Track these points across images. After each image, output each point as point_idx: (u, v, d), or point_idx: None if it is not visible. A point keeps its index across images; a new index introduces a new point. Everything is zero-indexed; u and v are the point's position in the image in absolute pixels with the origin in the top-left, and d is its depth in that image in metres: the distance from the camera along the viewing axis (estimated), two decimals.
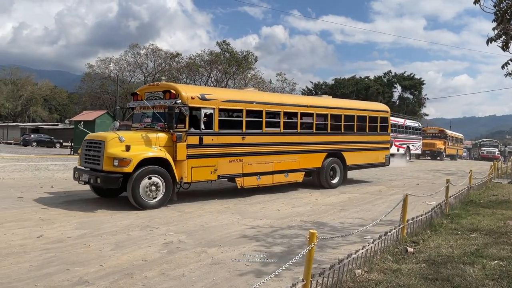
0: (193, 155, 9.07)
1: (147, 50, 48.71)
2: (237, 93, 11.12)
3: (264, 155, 10.56)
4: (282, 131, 11.03)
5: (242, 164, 10.06)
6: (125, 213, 7.99)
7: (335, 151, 12.51)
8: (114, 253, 5.39)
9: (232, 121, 10.36)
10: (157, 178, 8.51)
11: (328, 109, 12.49)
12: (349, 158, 12.85)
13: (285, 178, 11.10)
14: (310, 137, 11.89)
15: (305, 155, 11.59)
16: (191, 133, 9.06)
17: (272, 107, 10.90)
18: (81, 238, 6.08)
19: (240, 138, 10.03)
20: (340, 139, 12.68)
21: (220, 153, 9.57)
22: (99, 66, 48.60)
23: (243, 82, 47.77)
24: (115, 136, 8.45)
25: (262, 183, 10.55)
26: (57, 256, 5.17)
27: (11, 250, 5.36)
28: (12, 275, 4.48)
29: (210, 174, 9.45)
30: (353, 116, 13.20)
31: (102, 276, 4.52)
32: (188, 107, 8.96)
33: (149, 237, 6.23)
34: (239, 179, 10.07)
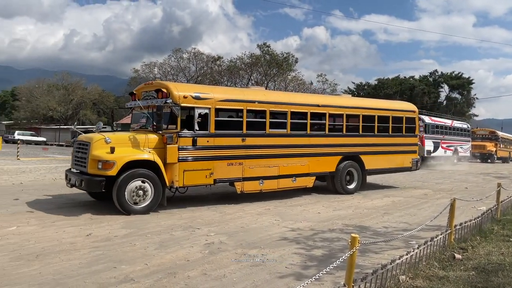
0: (186, 158, 8.53)
1: (189, 54, 49.74)
2: (237, 92, 10.54)
3: (267, 158, 9.82)
4: (289, 132, 10.23)
5: (242, 168, 9.36)
6: (168, 214, 8.19)
7: (352, 154, 11.57)
8: (158, 252, 5.55)
9: (231, 122, 9.78)
10: (144, 182, 8.05)
11: (343, 108, 11.49)
12: (368, 161, 11.85)
13: (292, 183, 10.27)
14: (322, 139, 10.97)
15: (316, 159, 10.71)
16: (183, 134, 8.51)
17: (277, 107, 10.14)
18: (127, 237, 6.30)
19: (240, 140, 9.36)
20: (358, 141, 11.70)
21: (216, 155, 8.96)
22: (144, 71, 50.16)
23: (283, 84, 47.74)
24: (101, 137, 8.06)
25: (265, 188, 9.78)
26: (104, 254, 5.38)
27: (62, 248, 5.64)
28: (63, 271, 4.71)
29: (205, 178, 8.85)
30: (373, 117, 12.10)
31: (146, 275, 4.66)
32: (179, 106, 8.46)
33: (191, 238, 6.36)
34: (239, 184, 9.37)
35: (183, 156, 8.48)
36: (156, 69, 49.83)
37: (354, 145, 11.60)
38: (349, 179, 11.59)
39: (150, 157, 8.15)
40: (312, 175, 10.70)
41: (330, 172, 11.13)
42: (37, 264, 4.93)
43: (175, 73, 50.10)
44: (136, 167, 8.03)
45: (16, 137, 42.22)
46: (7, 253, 5.32)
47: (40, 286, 4.22)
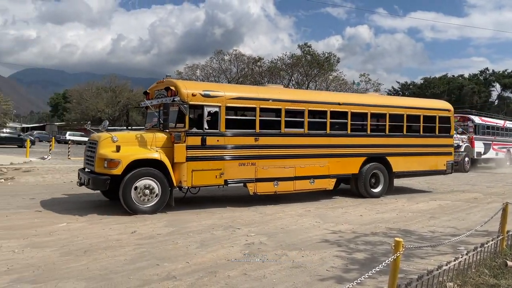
0: (194, 157, 8.34)
1: (230, 55, 50.27)
2: (250, 90, 10.13)
3: (282, 158, 9.45)
4: (306, 132, 9.79)
5: (255, 168, 9.06)
6: (209, 213, 8.30)
7: (377, 156, 10.91)
8: (199, 251, 5.63)
9: (243, 121, 9.42)
10: (151, 182, 7.95)
11: (367, 107, 10.81)
12: (396, 163, 11.13)
13: (310, 185, 9.82)
14: (344, 139, 10.39)
15: (336, 160, 10.19)
16: (191, 133, 8.34)
17: (293, 105, 9.71)
18: (169, 236, 6.44)
19: (252, 139, 9.05)
20: (384, 141, 11.06)
21: (227, 155, 8.73)
22: (187, 73, 51.20)
23: (325, 84, 47.20)
24: (108, 136, 8.07)
25: (280, 189, 9.42)
26: (148, 252, 5.53)
27: (108, 244, 5.85)
28: (109, 267, 4.88)
29: (215, 179, 8.63)
30: (401, 116, 11.37)
31: (188, 273, 4.73)
32: (188, 104, 8.31)
33: (231, 237, 6.40)
34: (251, 185, 9.08)
35: (191, 156, 8.30)
36: (198, 71, 50.74)
37: (379, 146, 10.98)
38: (375, 182, 10.97)
39: (156, 156, 8.05)
40: (332, 177, 10.21)
41: (353, 174, 10.56)
42: (85, 259, 5.14)
43: (216, 74, 50.81)
44: (143, 166, 7.95)
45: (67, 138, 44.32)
46: (57, 248, 5.58)
47: (88, 281, 4.39)
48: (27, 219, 7.26)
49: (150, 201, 7.97)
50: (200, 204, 9.18)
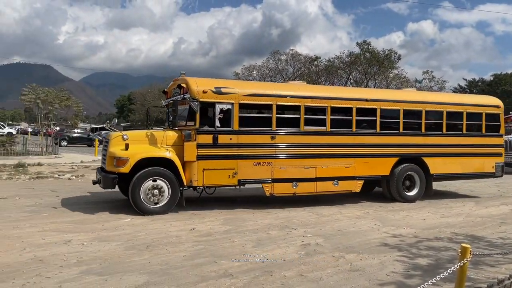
0: (206, 156, 8.12)
1: (287, 55, 50.21)
2: (266, 86, 9.53)
3: (302, 158, 8.97)
4: (329, 130, 9.24)
5: (271, 168, 8.67)
6: (265, 212, 8.33)
7: (412, 156, 10.10)
8: (255, 250, 5.66)
9: (259, 118, 9.16)
10: (160, 181, 7.83)
11: (400, 103, 9.99)
12: (434, 165, 10.23)
13: (333, 187, 9.24)
14: (372, 138, 9.71)
15: (364, 160, 9.53)
16: (202, 131, 8.14)
17: (314, 102, 9.18)
18: (226, 234, 6.54)
19: (268, 138, 8.67)
20: (420, 141, 10.17)
21: (241, 154, 8.41)
22: (243, 74, 51.87)
23: (385, 82, 45.69)
24: (119, 134, 8.15)
25: (299, 191, 8.94)
26: (206, 249, 5.66)
27: (169, 240, 6.06)
28: (169, 262, 5.05)
29: (228, 179, 8.35)
30: (440, 113, 10.43)
31: (244, 271, 4.78)
32: (198, 102, 8.10)
33: (287, 238, 6.38)
34: (268, 186, 8.69)
35: (202, 154, 8.09)
36: (255, 72, 51.20)
37: (414, 146, 10.12)
38: (409, 185, 10.12)
39: (165, 154, 7.93)
40: (359, 179, 9.51)
41: (383, 176, 9.82)
42: (147, 254, 5.36)
43: (273, 75, 50.96)
44: (153, 165, 7.85)
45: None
46: (122, 242, 5.87)
47: (150, 275, 4.57)
48: (94, 214, 7.71)
49: (159, 201, 7.85)
50: (255, 203, 9.23)
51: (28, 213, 7.66)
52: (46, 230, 6.44)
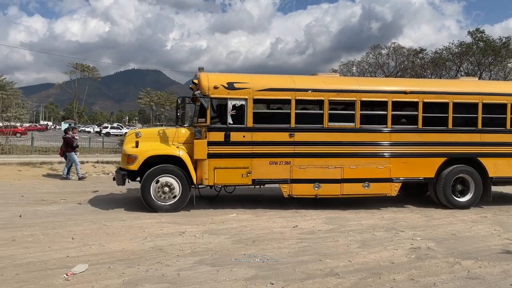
0: (217, 154, 7.84)
1: (388, 49, 47.96)
2: (284, 80, 8.61)
3: (326, 157, 8.24)
4: (358, 126, 8.39)
5: (290, 168, 8.12)
6: (369, 213, 8.09)
7: (464, 156, 8.78)
8: (360, 250, 5.54)
9: (276, 114, 8.57)
10: (171, 179, 7.75)
11: (448, 95, 8.65)
12: (493, 166, 8.79)
13: (364, 190, 8.37)
14: (412, 135, 8.58)
15: (401, 160, 8.50)
16: (214, 128, 7.89)
17: (340, 96, 8.38)
18: (330, 232, 6.50)
19: (286, 135, 8.10)
20: (475, 138, 8.78)
21: (255, 153, 7.99)
22: (341, 70, 50.80)
23: (502, 74, 41.17)
24: (133, 131, 8.17)
25: (322, 193, 8.25)
26: (310, 247, 5.68)
27: (273, 236, 6.21)
28: (274, 258, 5.18)
29: (241, 178, 7.97)
30: (503, 106, 8.85)
31: (350, 271, 4.70)
32: (209, 98, 7.81)
33: (394, 240, 6.12)
34: (286, 186, 8.16)
35: (213, 152, 7.84)
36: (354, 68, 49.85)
37: (467, 144, 8.78)
38: (462, 189, 8.82)
39: (174, 152, 7.82)
40: (395, 181, 8.52)
41: (426, 178, 8.69)
42: (254, 248, 5.56)
43: (373, 70, 49.13)
44: (165, 162, 7.81)
45: None
46: (230, 236, 6.17)
47: (257, 269, 4.74)
48: (203, 208, 8.20)
49: (170, 199, 7.81)
50: (357, 203, 8.99)
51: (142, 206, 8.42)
52: (163, 221, 7.03)
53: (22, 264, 4.76)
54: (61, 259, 4.95)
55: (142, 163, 7.70)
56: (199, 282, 4.31)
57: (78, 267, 4.65)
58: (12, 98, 45.62)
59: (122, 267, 4.71)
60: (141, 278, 4.38)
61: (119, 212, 7.69)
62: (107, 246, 5.52)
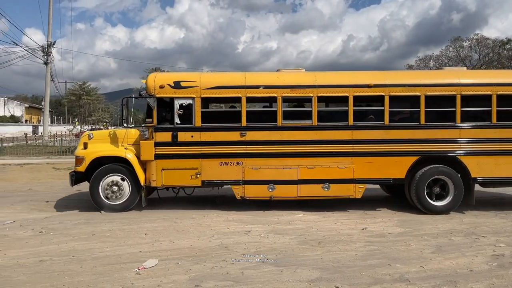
0: (164, 155, 7.66)
1: (471, 41, 44.72)
2: (234, 77, 8.17)
3: (280, 157, 7.75)
4: (316, 124, 7.77)
5: (242, 168, 7.74)
6: (446, 216, 7.57)
7: (440, 155, 7.82)
8: (435, 256, 5.18)
9: (225, 113, 8.28)
10: (119, 179, 7.77)
11: (419, 87, 7.79)
12: (477, 166, 7.77)
13: (323, 191, 7.78)
14: (377, 133, 7.81)
15: (366, 160, 7.77)
16: (160, 128, 7.70)
17: (294, 92, 7.84)
18: (401, 236, 6.17)
19: (237, 135, 7.73)
20: (453, 135, 7.79)
21: (204, 153, 7.72)
22: (418, 65, 48.31)
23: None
24: (87, 133, 8.24)
25: (278, 194, 7.77)
26: (379, 250, 5.43)
27: (340, 238, 6.03)
28: (341, 260, 5.02)
29: (190, 179, 7.74)
30: (487, 97, 7.80)
31: (423, 278, 4.42)
32: (155, 98, 7.66)
33: (474, 246, 5.65)
34: (238, 188, 7.78)
35: (160, 153, 7.70)
36: (431, 62, 47.17)
37: (444, 141, 7.81)
38: (440, 192, 7.85)
39: (121, 153, 7.81)
40: (359, 182, 7.84)
41: (395, 179, 7.88)
42: (319, 250, 5.44)
43: (453, 64, 46.06)
44: (114, 163, 7.84)
45: None
46: (295, 236, 6.11)
47: (322, 271, 4.63)
48: (269, 208, 8.21)
49: (118, 199, 7.83)
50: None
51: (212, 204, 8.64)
52: (230, 220, 7.16)
53: (99, 257, 5.11)
54: (134, 254, 5.24)
55: (93, 164, 7.85)
56: (262, 281, 4.31)
57: (149, 262, 4.89)
58: (96, 103, 49.52)
59: (189, 263, 4.86)
60: (206, 275, 4.49)
61: (189, 210, 7.96)
62: (176, 243, 5.74)
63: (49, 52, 22.82)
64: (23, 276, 4.50)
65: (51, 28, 22.81)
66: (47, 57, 22.45)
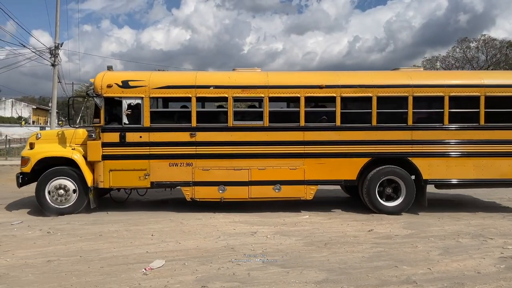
0: (112, 156, 7.55)
1: (478, 42, 44.49)
2: (185, 77, 8.13)
3: (231, 158, 7.70)
4: (267, 125, 7.71)
5: (192, 169, 7.67)
6: (453, 218, 7.52)
7: (393, 156, 7.82)
8: (442, 258, 5.16)
9: (175, 113, 8.15)
10: (66, 181, 7.56)
11: (372, 89, 7.73)
12: (428, 168, 7.77)
13: (274, 193, 7.74)
14: (329, 134, 7.79)
15: (317, 161, 7.74)
16: (108, 129, 7.57)
17: (245, 92, 7.76)
18: (408, 238, 6.14)
19: (187, 135, 7.64)
20: (405, 136, 7.77)
21: (153, 154, 7.62)
22: (424, 66, 48.11)
23: None
24: (35, 133, 8.03)
25: (228, 196, 7.73)
26: (386, 252, 5.42)
27: (346, 240, 6.02)
28: (347, 262, 5.02)
29: (138, 180, 7.63)
30: (441, 98, 7.76)
31: (430, 280, 4.40)
32: (103, 97, 7.54)
33: (482, 248, 5.62)
34: (188, 189, 7.71)
35: (108, 154, 7.58)
36: (438, 63, 46.96)
37: (396, 143, 7.80)
38: (392, 193, 7.89)
39: (67, 153, 7.63)
40: (310, 184, 7.81)
41: (347, 180, 7.89)
42: (326, 251, 5.44)
43: (460, 65, 45.88)
44: (63, 164, 7.63)
45: None
46: (301, 238, 6.11)
47: (328, 272, 4.63)
48: (276, 209, 8.20)
49: (66, 202, 7.63)
50: (440, 207, 8.43)
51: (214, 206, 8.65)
52: (236, 221, 7.17)
53: (106, 257, 5.15)
54: (141, 254, 5.27)
55: (41, 165, 7.70)
56: (269, 283, 4.32)
57: (155, 263, 4.91)
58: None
59: (195, 264, 4.88)
60: (213, 276, 4.50)
61: (195, 211, 7.98)
62: (183, 244, 5.76)
63: (56, 54, 22.98)
64: (31, 276, 4.54)
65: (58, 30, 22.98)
66: (55, 59, 22.60)
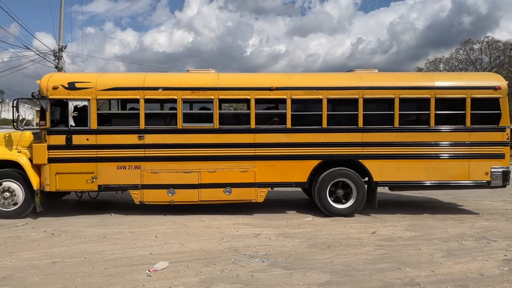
0: (58, 159, 7.45)
1: (481, 44, 44.37)
2: (132, 78, 7.96)
3: (180, 160, 7.64)
4: (217, 127, 7.67)
5: (140, 172, 7.60)
6: (457, 220, 7.51)
7: (344, 159, 7.82)
8: (445, 260, 5.16)
9: (123, 115, 8.17)
10: (12, 184, 7.48)
11: (322, 91, 7.74)
12: (378, 170, 7.78)
13: (225, 196, 7.71)
14: (279, 136, 7.75)
15: (268, 163, 7.71)
16: (53, 131, 7.48)
17: (194, 94, 7.70)
18: (411, 240, 6.14)
19: (135, 138, 7.57)
20: (355, 138, 7.77)
21: (100, 156, 7.53)
22: (428, 68, 48.02)
23: None
24: None
25: (178, 199, 7.67)
26: (389, 254, 5.42)
27: (349, 242, 6.03)
28: (351, 264, 5.02)
29: (86, 183, 7.53)
30: (390, 100, 7.78)
31: (433, 282, 4.40)
32: (48, 99, 7.43)
33: (485, 250, 5.61)
34: (136, 192, 7.62)
35: (54, 157, 7.47)
36: (441, 65, 46.87)
37: (346, 145, 7.79)
38: (344, 194, 7.89)
39: (12, 156, 7.53)
40: (261, 186, 7.77)
41: (297, 183, 7.86)
42: (329, 253, 5.45)
43: (463, 67, 45.75)
44: (9, 167, 7.55)
45: None
46: (304, 239, 6.12)
47: (332, 274, 4.64)
48: (279, 211, 8.23)
49: (11, 205, 7.55)
50: (444, 210, 8.42)
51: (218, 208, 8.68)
52: (239, 223, 7.19)
53: (110, 259, 5.17)
54: (145, 256, 5.29)
55: None
56: (272, 284, 4.33)
57: (159, 264, 4.93)
58: None
59: (199, 266, 4.90)
60: (216, 278, 4.52)
61: (199, 213, 8.00)
62: (186, 245, 5.78)
63: (60, 56, 23.10)
64: (36, 277, 4.57)
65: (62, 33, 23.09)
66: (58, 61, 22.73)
